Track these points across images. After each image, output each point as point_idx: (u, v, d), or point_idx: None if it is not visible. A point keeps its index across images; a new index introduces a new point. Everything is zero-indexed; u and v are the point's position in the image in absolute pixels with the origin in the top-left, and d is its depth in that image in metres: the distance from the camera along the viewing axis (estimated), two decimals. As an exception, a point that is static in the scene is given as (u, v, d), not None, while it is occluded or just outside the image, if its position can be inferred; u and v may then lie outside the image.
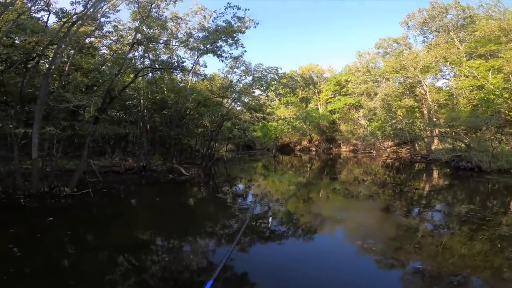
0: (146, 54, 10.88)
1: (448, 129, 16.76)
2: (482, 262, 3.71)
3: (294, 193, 9.08)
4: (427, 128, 18.58)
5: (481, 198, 8.39)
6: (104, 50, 11.13)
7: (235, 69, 14.48)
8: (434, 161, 15.89)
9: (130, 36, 9.66)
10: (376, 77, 23.39)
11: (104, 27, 8.75)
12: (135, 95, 12.33)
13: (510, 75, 14.98)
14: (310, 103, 32.89)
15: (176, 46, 11.84)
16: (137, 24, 9.42)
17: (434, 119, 19.00)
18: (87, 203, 6.67)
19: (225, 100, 15.00)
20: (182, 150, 14.64)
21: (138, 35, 9.21)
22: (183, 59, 10.87)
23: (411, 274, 3.53)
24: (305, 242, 4.71)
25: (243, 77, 14.64)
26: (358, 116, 26.13)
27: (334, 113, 29.35)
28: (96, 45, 10.88)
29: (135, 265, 3.73)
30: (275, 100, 21.26)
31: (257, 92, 15.74)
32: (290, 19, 67.70)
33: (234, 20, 10.85)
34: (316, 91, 32.47)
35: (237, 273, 3.41)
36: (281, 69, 14.62)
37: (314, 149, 29.39)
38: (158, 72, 11.27)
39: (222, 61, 11.74)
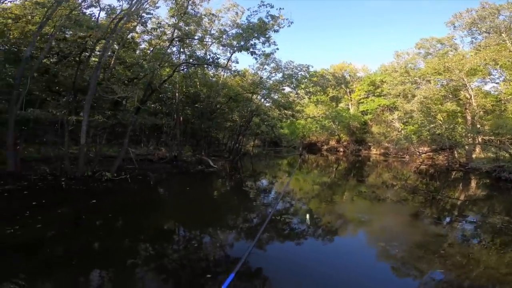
0: (182, 50, 11.41)
1: (493, 137, 15.37)
2: (508, 275, 3.51)
3: (318, 193, 9.07)
4: (469, 134, 17.18)
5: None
6: (143, 45, 11.88)
7: (266, 66, 14.65)
8: (474, 170, 14.73)
9: (169, 32, 10.22)
10: (415, 78, 22.19)
11: (147, 23, 9.37)
12: (169, 88, 13.00)
13: None
14: (341, 102, 32.04)
15: (210, 43, 12.26)
16: (174, 20, 9.93)
17: (478, 126, 17.53)
18: (125, 188, 7.31)
19: (254, 96, 15.24)
20: (210, 142, 15.19)
21: (176, 31, 9.72)
22: (217, 55, 11.26)
23: (430, 282, 3.48)
24: (325, 242, 4.78)
25: (273, 74, 14.80)
26: (393, 119, 24.92)
27: (366, 114, 28.30)
28: (136, 40, 11.64)
29: (160, 251, 4.07)
30: (304, 98, 21.07)
31: (287, 89, 15.79)
32: (324, 17, 66.00)
33: (268, 19, 10.98)
34: (348, 91, 31.52)
35: (255, 268, 3.57)
36: (312, 67, 14.52)
37: (342, 149, 28.65)
38: (192, 67, 11.77)
39: (256, 58, 11.97)
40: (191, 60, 11.13)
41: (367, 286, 3.29)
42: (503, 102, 17.72)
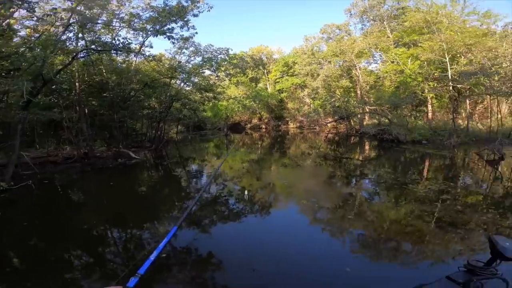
0: (81, 35, 9.69)
1: (376, 107, 19.36)
2: (408, 226, 4.52)
3: (247, 170, 9.73)
4: (359, 106, 21.20)
5: (402, 166, 10.32)
6: (24, 32, 9.45)
7: (184, 50, 13.98)
8: (365, 134, 18.38)
9: (64, 16, 8.43)
10: (319, 59, 25.56)
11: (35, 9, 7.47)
12: (66, 78, 11.00)
13: (424, 62, 17.72)
14: (260, 83, 33.82)
15: (119, 27, 10.76)
16: (70, 4, 8.26)
17: (365, 98, 21.60)
18: (33, 195, 6.17)
19: (173, 81, 14.41)
20: (127, 133, 13.85)
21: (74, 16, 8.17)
22: (128, 40, 9.99)
23: (344, 226, 4.47)
24: (261, 215, 5.32)
25: (193, 58, 14.29)
26: (303, 95, 28.13)
27: (282, 92, 31.01)
28: (13, 26, 9.16)
29: (85, 248, 3.85)
30: (225, 80, 21.29)
31: (207, 72, 15.55)
32: (243, 3, 65.62)
33: (187, 2, 10.49)
34: (265, 72, 33.44)
35: (185, 245, 3.76)
36: (232, 50, 14.63)
37: (264, 126, 30.63)
38: (96, 53, 10.19)
39: (173, 43, 11.33)
40: (93, 46, 9.59)
41: (301, 245, 3.95)
42: (381, 79, 22.18)
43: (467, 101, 17.31)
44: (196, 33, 12.18)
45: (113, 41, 9.87)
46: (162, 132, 14.78)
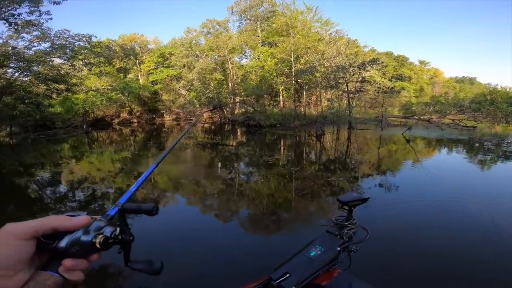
0: None
1: (244, 98, 22.00)
2: (283, 199, 5.64)
3: (120, 170, 8.96)
4: (230, 96, 23.45)
5: (264, 146, 12.45)
6: None
7: (24, 34, 10.73)
8: (235, 122, 20.70)
9: None
10: (197, 52, 26.20)
11: None
12: None
13: (279, 60, 21.58)
14: (130, 73, 30.47)
15: None
16: None
17: (236, 90, 23.99)
18: None
19: (3, 70, 10.84)
20: None
21: None
22: None
23: (242, 218, 5.23)
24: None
25: (36, 44, 11.18)
26: (179, 87, 27.77)
27: (156, 84, 29.44)
28: None
29: None
30: (83, 70, 17.75)
31: (58, 60, 12.59)
32: None
33: None
34: (137, 62, 30.43)
35: None
36: (96, 37, 12.52)
37: (136, 120, 28.01)
38: None
39: (16, 29, 8.96)
40: None
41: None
42: (248, 73, 25.17)
43: (304, 93, 22.65)
44: (51, 18, 9.72)
45: None
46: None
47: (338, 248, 1.59)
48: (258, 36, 26.72)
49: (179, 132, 20.20)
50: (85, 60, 13.53)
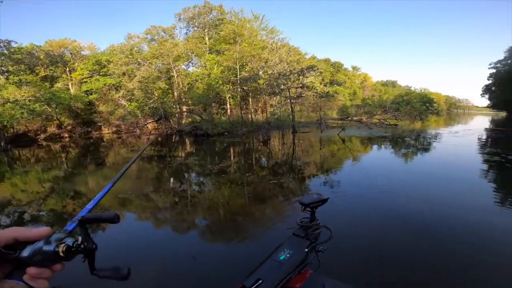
0: None
1: (192, 107, 21.67)
2: (238, 206, 5.84)
3: (51, 190, 7.96)
4: (176, 106, 22.84)
5: (213, 154, 12.45)
6: None
7: None
8: (182, 132, 20.25)
9: None
10: (138, 60, 24.82)
11: None
12: None
13: (225, 68, 21.85)
14: (58, 82, 27.02)
15: None
16: None
17: (183, 99, 23.42)
18: None
19: None
20: None
21: None
22: None
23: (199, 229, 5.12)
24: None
25: None
26: (118, 97, 25.72)
27: (91, 94, 26.72)
28: None
29: None
30: None
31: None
32: None
33: None
34: (67, 70, 27.17)
35: None
36: (16, 42, 10.81)
37: (67, 135, 24.84)
38: None
39: None
40: None
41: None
42: (195, 81, 24.84)
43: (250, 100, 23.44)
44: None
45: None
46: None
47: (306, 250, 1.61)
48: (206, 43, 26.71)
49: (120, 146, 18.74)
50: (2, 68, 11.64)
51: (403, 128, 22.88)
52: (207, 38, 27.65)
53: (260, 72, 21.26)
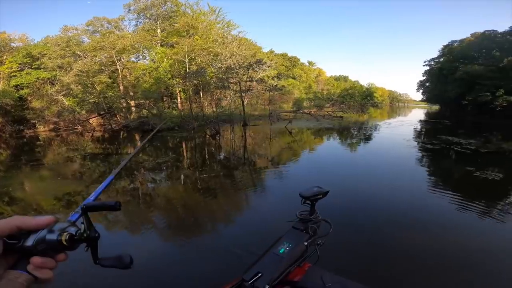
0: None
1: (141, 101, 20.84)
2: (194, 201, 5.88)
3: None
4: (122, 100, 21.80)
5: (172, 150, 12.44)
6: None
7: None
8: (128, 127, 19.50)
9: None
10: (77, 52, 22.92)
11: None
12: None
13: (175, 62, 21.31)
14: None
15: None
16: None
17: (131, 93, 22.31)
18: None
19: None
20: None
21: None
22: None
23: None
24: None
25: None
26: (53, 92, 23.46)
27: (22, 89, 24.05)
28: None
29: None
30: None
31: None
32: None
33: None
34: None
35: None
36: None
37: (-6, 135, 22.02)
38: None
39: None
40: None
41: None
42: (142, 74, 23.78)
43: (201, 93, 23.39)
44: None
45: None
46: None
47: (306, 243, 1.61)
48: (157, 36, 25.52)
49: (60, 145, 17.30)
50: None
51: (348, 119, 25.05)
52: (159, 31, 26.45)
53: (210, 66, 21.22)
